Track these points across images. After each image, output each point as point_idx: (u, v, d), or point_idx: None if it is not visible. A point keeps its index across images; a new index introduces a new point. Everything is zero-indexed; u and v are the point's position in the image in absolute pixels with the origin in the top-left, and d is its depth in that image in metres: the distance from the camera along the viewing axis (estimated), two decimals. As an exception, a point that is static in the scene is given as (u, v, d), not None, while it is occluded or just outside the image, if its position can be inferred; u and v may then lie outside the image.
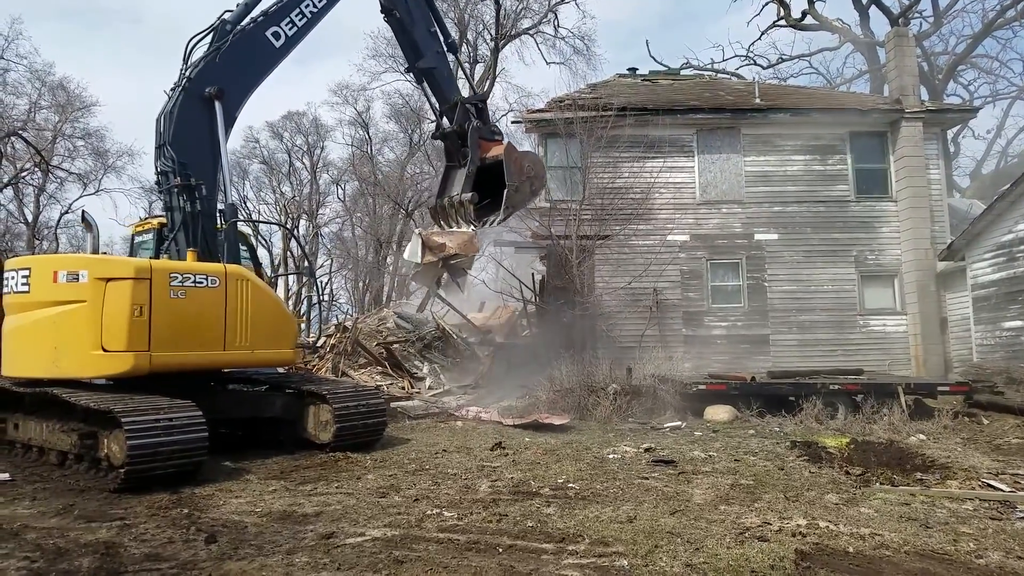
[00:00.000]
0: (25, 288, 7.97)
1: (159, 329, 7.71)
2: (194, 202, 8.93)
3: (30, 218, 34.82)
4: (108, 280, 7.61)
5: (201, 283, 8.07)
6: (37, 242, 30.39)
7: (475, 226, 11.09)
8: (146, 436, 6.56)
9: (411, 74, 11.35)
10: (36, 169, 29.48)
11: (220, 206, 9.33)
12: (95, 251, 8.90)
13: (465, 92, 12.26)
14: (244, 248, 10.23)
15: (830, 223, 16.94)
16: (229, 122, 9.24)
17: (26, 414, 8.10)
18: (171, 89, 9.15)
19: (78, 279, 7.69)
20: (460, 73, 34.57)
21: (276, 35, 9.58)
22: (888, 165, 17.20)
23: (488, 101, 11.46)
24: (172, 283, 7.85)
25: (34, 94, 31.68)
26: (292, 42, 9.75)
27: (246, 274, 8.61)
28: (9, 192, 31.53)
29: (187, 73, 9.05)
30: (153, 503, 6.21)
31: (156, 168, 9.07)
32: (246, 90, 9.49)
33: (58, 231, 34.24)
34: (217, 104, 9.01)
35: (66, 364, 7.69)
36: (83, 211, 9.37)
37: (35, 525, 5.49)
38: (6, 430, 8.43)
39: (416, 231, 10.80)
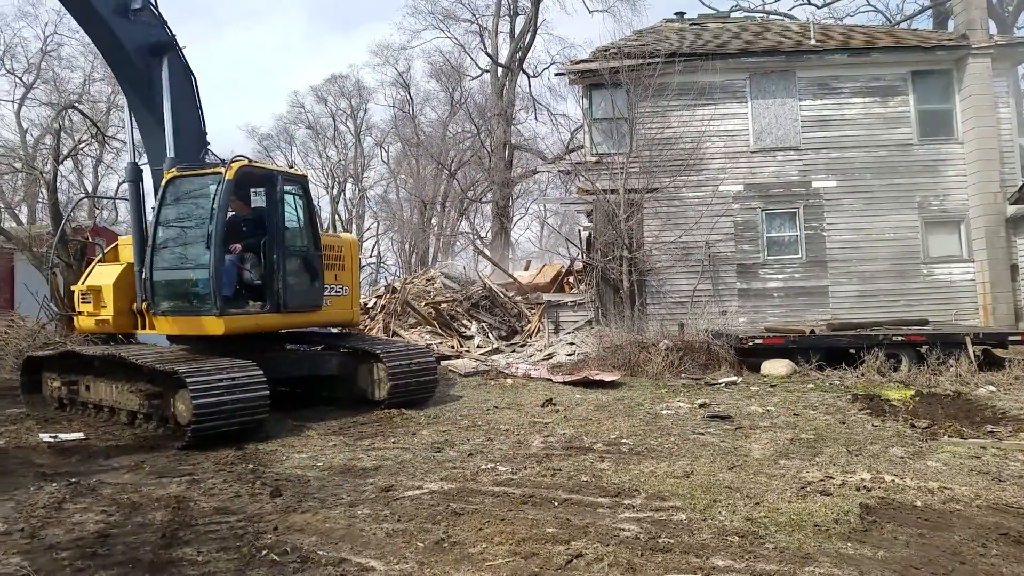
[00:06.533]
0: None
1: None
2: None
3: (90, 188, 35.96)
4: None
5: None
6: (97, 212, 31.30)
7: None
8: (210, 395, 6.78)
9: None
10: (93, 140, 30.20)
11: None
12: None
13: (504, 49, 11.12)
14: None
15: (892, 168, 16.18)
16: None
17: (96, 376, 8.44)
18: None
19: None
20: (500, 27, 33.91)
21: None
22: (954, 105, 16.27)
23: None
24: None
25: (87, 67, 32.43)
26: None
27: None
28: (69, 164, 32.47)
29: None
30: (219, 459, 6.44)
31: None
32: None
33: (117, 201, 35.24)
34: None
35: None
36: None
37: (110, 481, 5.74)
38: (79, 391, 8.81)
39: None
